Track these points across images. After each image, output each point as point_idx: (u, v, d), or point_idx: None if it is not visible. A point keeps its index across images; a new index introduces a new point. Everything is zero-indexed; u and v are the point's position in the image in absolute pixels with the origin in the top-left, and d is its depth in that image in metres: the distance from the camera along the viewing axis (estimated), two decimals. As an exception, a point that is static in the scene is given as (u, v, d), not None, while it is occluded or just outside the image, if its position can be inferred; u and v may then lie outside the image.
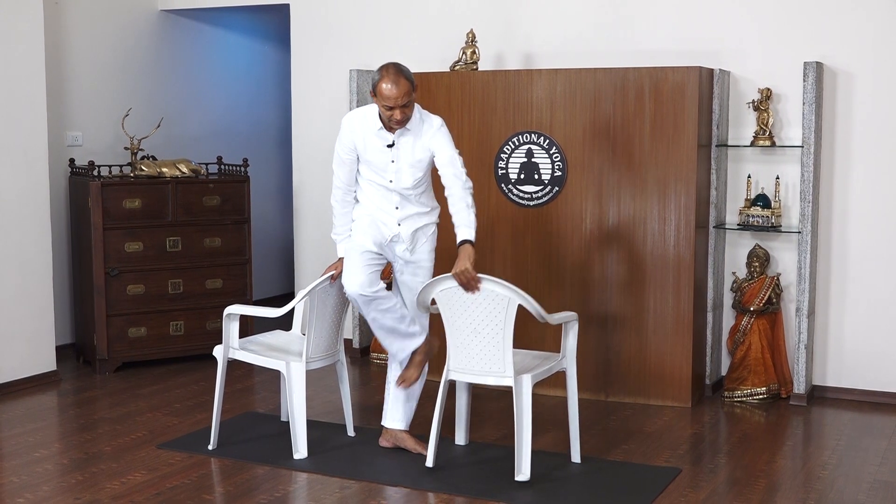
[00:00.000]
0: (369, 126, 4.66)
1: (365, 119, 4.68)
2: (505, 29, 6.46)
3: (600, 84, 5.75)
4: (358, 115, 4.73)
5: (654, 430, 5.30)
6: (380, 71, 4.56)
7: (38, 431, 5.30)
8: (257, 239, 7.71)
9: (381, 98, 4.52)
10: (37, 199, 6.14)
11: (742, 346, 5.87)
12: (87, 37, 6.97)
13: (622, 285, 5.79)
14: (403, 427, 4.90)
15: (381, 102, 4.53)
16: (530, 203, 5.94)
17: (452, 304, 4.49)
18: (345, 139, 4.70)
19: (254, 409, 5.71)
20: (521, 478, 4.44)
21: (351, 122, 4.72)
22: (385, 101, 4.51)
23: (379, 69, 4.58)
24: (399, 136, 4.65)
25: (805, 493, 4.42)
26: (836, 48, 5.76)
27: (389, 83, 4.49)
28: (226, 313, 4.95)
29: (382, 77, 4.52)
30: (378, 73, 4.56)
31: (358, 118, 4.71)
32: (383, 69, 4.56)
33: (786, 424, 5.49)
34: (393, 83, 4.49)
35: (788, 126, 5.88)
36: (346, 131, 4.71)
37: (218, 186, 6.75)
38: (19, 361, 6.06)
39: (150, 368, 6.57)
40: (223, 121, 8.15)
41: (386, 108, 4.53)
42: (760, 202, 5.84)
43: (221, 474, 4.68)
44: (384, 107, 4.53)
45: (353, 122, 4.71)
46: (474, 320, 4.45)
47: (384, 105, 4.53)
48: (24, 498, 4.34)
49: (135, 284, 6.48)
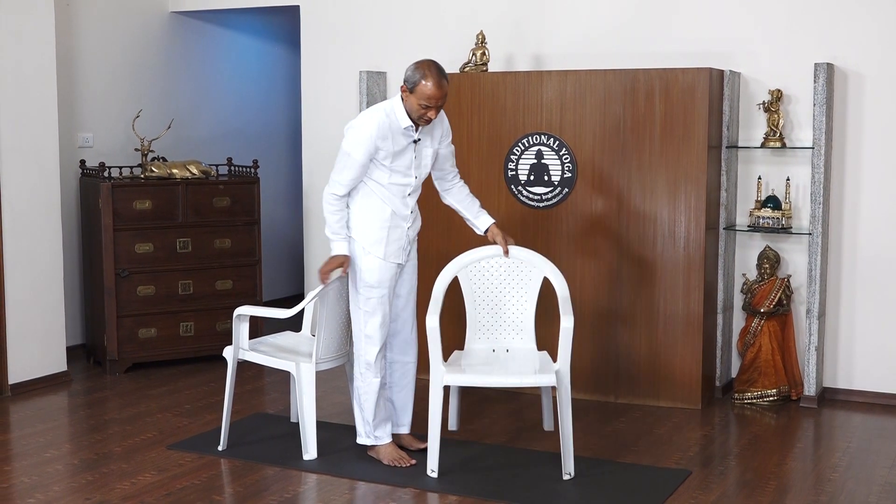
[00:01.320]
0: (396, 125, 4.57)
1: (389, 119, 4.56)
2: (515, 30, 6.45)
3: (610, 85, 5.75)
4: (381, 117, 4.56)
5: (664, 433, 5.30)
6: (419, 69, 4.49)
7: (48, 432, 5.31)
8: (267, 240, 7.72)
9: (422, 97, 4.47)
10: (48, 201, 6.16)
11: (752, 348, 5.86)
12: (97, 38, 6.99)
13: (632, 287, 5.79)
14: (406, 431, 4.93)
15: (420, 101, 4.47)
16: (540, 204, 5.94)
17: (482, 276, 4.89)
18: (368, 143, 4.51)
19: (264, 410, 5.71)
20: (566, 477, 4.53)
21: (378, 124, 4.53)
22: (427, 101, 4.47)
23: (417, 67, 4.51)
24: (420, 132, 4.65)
25: (815, 496, 4.41)
26: (846, 49, 5.75)
27: (432, 83, 4.46)
28: (236, 314, 4.96)
29: (425, 76, 4.46)
30: (417, 71, 4.49)
31: (383, 119, 4.55)
32: (425, 68, 4.49)
33: (796, 427, 5.47)
34: (436, 84, 4.47)
35: (799, 127, 5.87)
36: (370, 135, 4.51)
37: (228, 188, 6.76)
38: (30, 362, 6.08)
39: (161, 369, 6.58)
40: (233, 122, 8.17)
41: (423, 106, 4.49)
42: (771, 203, 5.82)
43: (231, 475, 4.69)
44: (421, 105, 4.49)
45: (381, 125, 4.54)
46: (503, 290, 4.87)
47: (423, 104, 4.48)
48: (34, 498, 4.35)
49: (145, 285, 6.49)
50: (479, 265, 4.90)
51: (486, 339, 4.92)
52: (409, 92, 4.50)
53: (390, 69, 6.79)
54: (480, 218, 4.86)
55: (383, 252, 4.63)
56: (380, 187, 4.62)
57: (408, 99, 4.52)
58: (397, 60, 6.74)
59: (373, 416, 4.73)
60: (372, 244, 4.62)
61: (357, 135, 4.56)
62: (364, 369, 4.70)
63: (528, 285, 4.87)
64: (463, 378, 4.60)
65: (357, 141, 4.55)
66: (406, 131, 4.59)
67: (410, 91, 4.49)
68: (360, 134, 4.54)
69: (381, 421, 4.76)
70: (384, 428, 4.77)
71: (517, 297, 4.89)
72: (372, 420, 4.73)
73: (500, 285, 4.91)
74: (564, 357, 4.54)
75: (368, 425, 4.75)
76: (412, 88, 4.48)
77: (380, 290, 4.65)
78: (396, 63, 6.74)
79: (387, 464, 4.71)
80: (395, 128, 4.56)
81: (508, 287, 4.90)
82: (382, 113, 4.57)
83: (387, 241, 4.64)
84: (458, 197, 4.88)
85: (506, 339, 4.90)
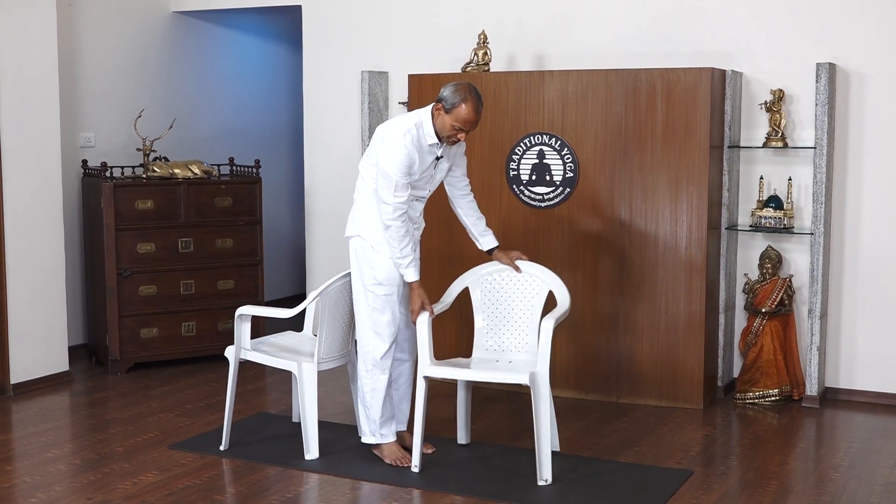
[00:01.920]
0: (423, 140, 4.56)
1: (418, 132, 4.55)
2: (516, 30, 6.45)
3: (612, 85, 5.74)
4: (413, 132, 4.52)
5: (666, 432, 5.29)
6: (460, 92, 4.49)
7: (50, 432, 5.31)
8: (269, 240, 7.72)
9: (457, 119, 4.48)
10: (50, 200, 6.16)
11: (754, 348, 5.86)
12: (99, 38, 6.99)
13: (634, 287, 5.78)
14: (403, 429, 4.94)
15: (455, 123, 4.49)
16: (542, 204, 5.94)
17: (490, 288, 4.93)
18: (406, 160, 4.47)
19: (265, 409, 5.71)
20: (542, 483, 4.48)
21: (411, 141, 4.50)
22: (461, 124, 4.50)
23: (458, 89, 4.49)
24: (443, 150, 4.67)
25: (817, 496, 4.41)
26: (848, 49, 5.74)
27: (471, 109, 4.48)
28: (237, 314, 4.97)
29: (466, 99, 4.47)
30: (458, 93, 4.48)
31: (414, 135, 4.53)
32: (465, 91, 4.49)
33: (798, 426, 5.47)
34: (475, 110, 4.50)
35: (801, 127, 5.87)
36: (407, 152, 4.47)
37: (230, 187, 6.76)
38: (32, 362, 6.08)
39: (162, 369, 6.58)
40: (235, 122, 8.17)
41: (456, 128, 4.51)
42: (773, 203, 5.82)
43: (233, 475, 4.69)
44: (454, 127, 4.50)
45: (413, 141, 4.52)
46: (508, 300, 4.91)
47: (457, 126, 4.50)
48: (36, 498, 4.36)
49: (147, 285, 6.50)
50: (491, 277, 4.93)
51: (492, 349, 4.90)
52: (444, 111, 4.51)
53: (392, 69, 6.80)
54: (486, 237, 4.91)
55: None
56: None
57: (440, 117, 4.53)
58: (399, 60, 6.75)
59: (379, 415, 4.73)
60: (381, 243, 4.63)
61: (395, 158, 4.49)
62: (371, 366, 4.70)
63: (535, 299, 4.86)
64: (441, 371, 4.61)
65: (396, 162, 4.48)
66: (431, 148, 4.60)
67: (447, 111, 4.50)
68: (399, 156, 4.48)
69: (387, 419, 4.77)
70: (389, 426, 4.78)
71: (523, 309, 4.88)
72: (378, 418, 4.74)
73: (508, 297, 4.91)
74: (542, 359, 4.50)
75: (374, 423, 4.75)
76: (449, 109, 4.50)
77: (388, 287, 4.65)
78: (398, 63, 6.75)
79: (388, 462, 4.71)
80: (422, 143, 4.56)
81: (515, 300, 4.89)
82: (413, 128, 4.54)
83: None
84: (467, 211, 4.91)
85: (511, 351, 4.88)
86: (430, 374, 4.58)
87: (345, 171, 6.98)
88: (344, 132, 7.00)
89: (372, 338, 4.68)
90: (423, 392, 4.58)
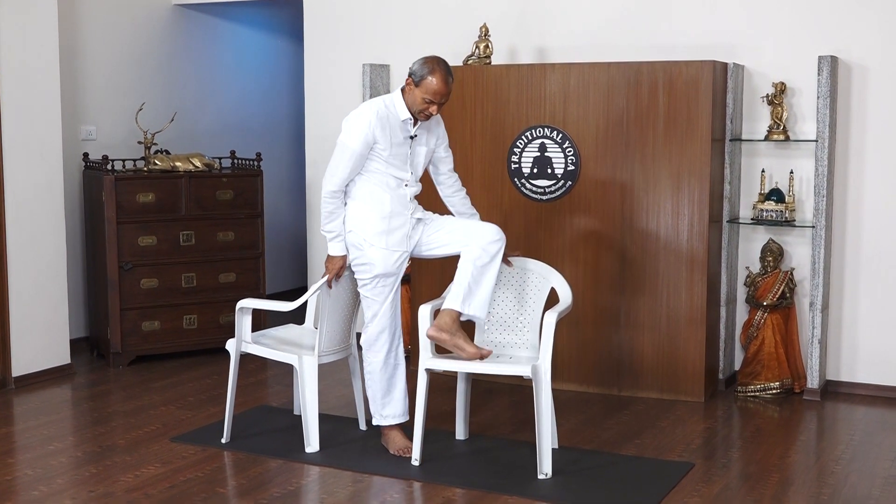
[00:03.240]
0: (394, 117, 4.59)
1: (388, 109, 4.59)
2: (518, 23, 6.45)
3: (614, 78, 5.74)
4: (380, 106, 4.58)
5: (667, 425, 5.30)
6: (428, 64, 4.52)
7: (52, 424, 5.32)
8: (270, 233, 7.72)
9: (427, 91, 4.50)
10: (51, 194, 6.16)
11: (755, 341, 5.86)
12: (101, 31, 6.99)
13: (635, 279, 5.78)
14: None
15: (425, 96, 4.51)
16: (543, 197, 5.93)
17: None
18: (366, 131, 4.53)
19: (266, 402, 5.72)
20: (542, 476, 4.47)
21: (375, 112, 4.55)
22: (432, 96, 4.52)
23: (426, 62, 4.54)
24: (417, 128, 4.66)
25: (818, 488, 4.41)
26: (850, 42, 5.73)
27: (440, 80, 4.50)
28: (238, 307, 4.97)
29: (434, 71, 4.50)
30: (426, 65, 4.52)
31: (381, 109, 4.57)
32: (433, 63, 4.52)
33: (799, 419, 5.47)
34: (443, 80, 4.51)
35: (802, 120, 5.86)
36: (367, 123, 4.52)
37: (231, 181, 6.76)
38: (34, 355, 6.09)
39: (164, 362, 6.59)
40: (236, 115, 8.17)
41: (427, 101, 4.53)
42: (774, 196, 5.81)
43: (234, 468, 4.69)
44: (425, 100, 4.52)
45: (378, 113, 4.55)
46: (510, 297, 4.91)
47: (427, 99, 4.52)
48: (38, 490, 4.36)
49: (148, 278, 6.50)
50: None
51: (494, 345, 4.88)
52: (414, 85, 4.53)
53: (393, 62, 6.79)
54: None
55: (385, 242, 4.65)
56: (379, 179, 4.63)
57: (412, 92, 4.55)
58: (400, 53, 6.74)
59: (380, 395, 4.76)
60: (373, 236, 4.64)
61: (355, 124, 4.58)
62: (374, 341, 4.74)
63: (537, 295, 4.86)
64: (443, 363, 4.60)
65: (355, 130, 4.56)
66: (404, 124, 4.61)
67: (416, 84, 4.52)
68: (359, 123, 4.56)
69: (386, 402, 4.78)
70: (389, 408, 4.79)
71: (525, 306, 4.87)
72: (380, 399, 4.76)
73: (510, 294, 4.91)
74: (545, 352, 4.50)
75: (375, 404, 4.78)
76: (418, 82, 4.52)
77: (385, 277, 4.67)
78: (399, 56, 6.74)
79: (392, 453, 4.72)
80: (393, 119, 4.58)
81: (517, 296, 4.89)
82: (381, 103, 4.61)
83: (388, 232, 4.65)
84: (460, 209, 4.94)
85: (512, 347, 4.87)
86: (432, 366, 4.58)
87: (346, 164, 6.98)
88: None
89: (372, 321, 4.73)
90: (424, 384, 4.59)
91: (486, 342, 4.89)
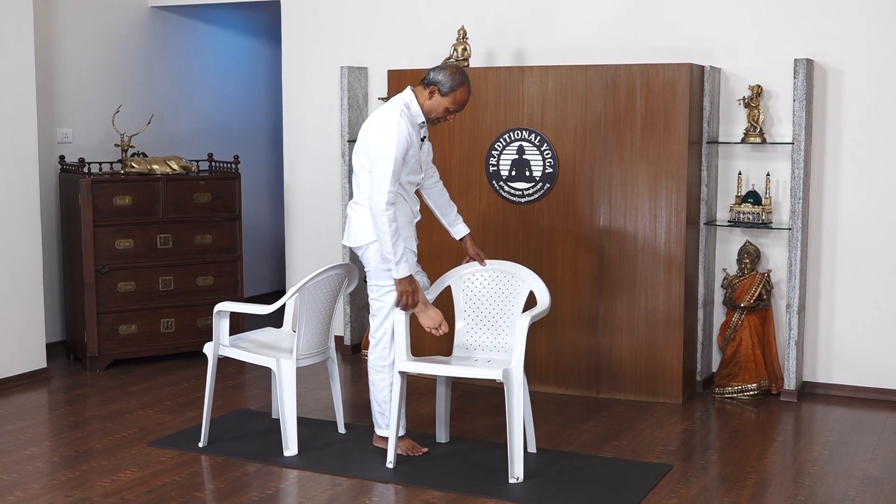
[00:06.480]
0: (413, 120, 4.56)
1: (412, 115, 4.55)
2: (496, 26, 6.45)
3: (591, 81, 5.75)
4: (404, 110, 4.50)
5: (646, 427, 5.31)
6: (457, 75, 4.53)
7: (28, 429, 5.28)
8: (248, 236, 7.70)
9: (455, 102, 4.55)
10: (27, 197, 6.12)
11: (733, 343, 5.88)
12: (77, 33, 6.95)
13: (613, 282, 5.80)
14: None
15: (452, 105, 4.56)
16: (521, 200, 5.94)
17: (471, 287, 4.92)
18: (406, 138, 4.44)
19: (244, 406, 5.70)
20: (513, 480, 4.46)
21: (406, 118, 4.49)
22: (458, 106, 4.58)
23: (455, 72, 4.54)
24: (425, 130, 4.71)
25: (795, 489, 4.43)
26: (826, 45, 5.77)
27: (468, 91, 4.58)
28: (216, 310, 4.95)
29: (462, 83, 4.54)
30: (455, 76, 4.53)
31: (406, 115, 4.51)
32: (461, 75, 4.55)
33: (776, 420, 5.50)
34: (469, 91, 4.58)
35: (779, 123, 5.89)
36: (405, 130, 4.44)
37: (209, 183, 6.74)
38: (9, 359, 6.05)
39: (141, 366, 6.56)
40: (214, 118, 8.14)
41: (450, 111, 4.57)
42: (751, 199, 5.84)
43: (212, 471, 4.67)
44: (450, 109, 4.57)
45: (407, 120, 4.50)
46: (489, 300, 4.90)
47: (452, 108, 4.57)
48: (14, 496, 4.33)
49: (125, 282, 6.47)
50: (473, 277, 4.92)
51: (472, 348, 4.88)
52: (440, 94, 4.54)
53: (371, 65, 6.79)
54: (457, 226, 4.94)
55: (413, 246, 4.68)
56: (400, 186, 4.55)
57: (435, 100, 4.56)
58: (378, 56, 6.74)
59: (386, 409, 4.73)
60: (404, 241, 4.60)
61: (393, 133, 4.44)
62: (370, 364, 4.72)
63: (516, 299, 4.85)
64: (417, 367, 4.61)
65: (397, 140, 4.43)
66: (419, 128, 4.61)
67: (443, 94, 4.54)
68: (398, 132, 4.44)
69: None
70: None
71: (504, 309, 4.87)
72: (387, 412, 4.72)
73: (489, 297, 4.91)
74: (517, 356, 4.49)
75: (381, 417, 4.76)
76: (447, 92, 4.53)
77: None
78: (378, 58, 6.74)
79: (400, 453, 4.73)
80: (413, 123, 4.56)
81: (496, 300, 4.89)
82: (403, 108, 4.54)
83: (412, 238, 4.67)
84: (438, 202, 4.94)
85: (490, 350, 4.86)
86: (406, 369, 4.58)
87: (324, 167, 6.97)
88: (323, 128, 6.98)
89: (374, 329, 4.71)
90: (398, 387, 4.58)
91: (465, 345, 4.89)
